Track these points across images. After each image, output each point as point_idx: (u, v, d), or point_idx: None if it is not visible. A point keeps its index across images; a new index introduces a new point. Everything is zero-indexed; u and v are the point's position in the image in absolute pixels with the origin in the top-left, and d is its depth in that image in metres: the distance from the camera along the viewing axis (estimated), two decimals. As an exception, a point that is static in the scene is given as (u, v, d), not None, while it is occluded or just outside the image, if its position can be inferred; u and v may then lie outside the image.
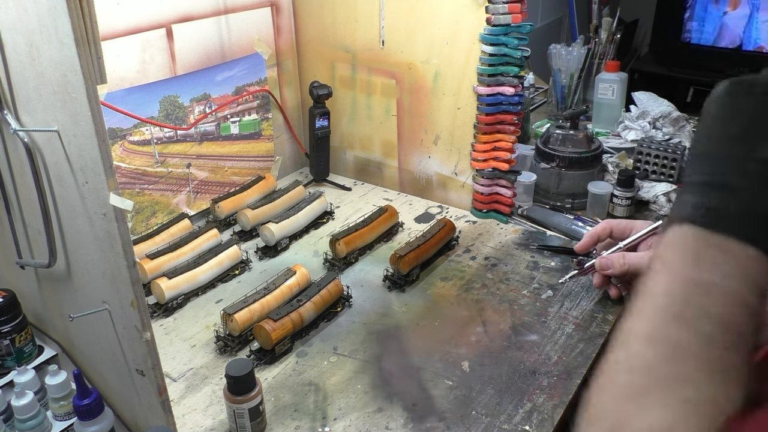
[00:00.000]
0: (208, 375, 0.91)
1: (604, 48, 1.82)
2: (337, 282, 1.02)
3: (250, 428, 0.78)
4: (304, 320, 0.95)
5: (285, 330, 0.92)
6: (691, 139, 1.05)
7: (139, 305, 0.64)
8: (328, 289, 1.00)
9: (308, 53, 1.44)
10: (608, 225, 0.89)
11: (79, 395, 0.71)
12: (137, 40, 1.09)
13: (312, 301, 0.97)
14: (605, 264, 0.85)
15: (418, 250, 1.09)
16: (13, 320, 0.85)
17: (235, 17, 1.26)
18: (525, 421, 0.80)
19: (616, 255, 0.84)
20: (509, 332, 0.97)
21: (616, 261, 0.84)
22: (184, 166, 1.25)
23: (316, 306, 0.97)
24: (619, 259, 0.84)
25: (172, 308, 1.04)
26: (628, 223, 0.88)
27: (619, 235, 0.88)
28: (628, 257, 0.83)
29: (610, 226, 0.88)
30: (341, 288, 1.02)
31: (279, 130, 1.46)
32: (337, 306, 1.02)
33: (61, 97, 0.58)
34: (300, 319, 0.94)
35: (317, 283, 1.01)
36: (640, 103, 1.55)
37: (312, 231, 1.28)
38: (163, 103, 1.17)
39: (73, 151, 0.61)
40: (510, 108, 1.20)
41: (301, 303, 0.95)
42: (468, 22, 1.17)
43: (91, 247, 0.66)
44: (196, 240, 1.14)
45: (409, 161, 1.39)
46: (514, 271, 1.12)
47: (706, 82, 2.17)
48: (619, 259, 0.84)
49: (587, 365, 0.89)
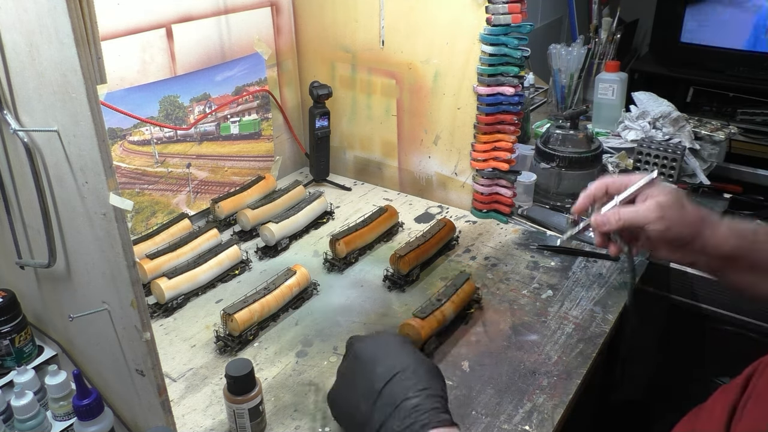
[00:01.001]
0: (208, 375, 0.91)
1: (604, 48, 1.82)
2: (470, 283, 1.01)
3: (250, 428, 0.78)
4: (446, 318, 0.94)
5: (431, 328, 0.91)
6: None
7: (139, 305, 0.64)
8: (464, 288, 0.99)
9: (308, 53, 1.44)
10: (603, 182, 0.86)
11: (78, 395, 0.71)
12: (137, 40, 1.09)
13: (451, 300, 0.96)
14: (601, 221, 0.83)
15: (418, 250, 1.09)
16: (13, 320, 0.85)
17: (235, 17, 1.26)
18: (525, 421, 0.80)
19: (612, 211, 0.82)
20: (509, 332, 0.97)
21: (612, 217, 0.81)
22: (184, 166, 1.25)
23: (454, 305, 0.96)
24: (615, 215, 0.81)
25: (172, 308, 1.04)
26: (623, 178, 0.85)
27: (616, 191, 0.85)
28: (624, 212, 0.80)
29: (605, 184, 0.86)
30: (474, 287, 1.01)
31: (279, 130, 1.46)
32: (470, 308, 1.01)
33: (61, 97, 0.58)
34: (443, 317, 0.93)
35: (453, 282, 0.99)
36: (640, 103, 1.55)
37: (312, 231, 1.28)
38: (163, 103, 1.17)
39: (73, 151, 0.61)
40: (510, 108, 1.20)
41: (441, 302, 0.95)
42: (468, 22, 1.17)
43: (91, 247, 0.66)
44: (196, 240, 1.14)
45: (409, 161, 1.39)
46: (514, 271, 1.12)
47: (706, 82, 2.17)
48: (614, 215, 0.81)
49: (587, 365, 0.89)
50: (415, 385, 0.69)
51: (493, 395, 0.85)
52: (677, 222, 0.77)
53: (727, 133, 1.52)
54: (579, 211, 0.88)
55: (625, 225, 0.80)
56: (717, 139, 1.49)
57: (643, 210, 0.78)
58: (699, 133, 1.51)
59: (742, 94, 2.11)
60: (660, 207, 0.77)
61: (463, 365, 0.90)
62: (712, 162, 1.44)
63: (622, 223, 0.80)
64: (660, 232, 0.77)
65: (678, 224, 0.77)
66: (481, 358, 0.92)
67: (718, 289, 1.17)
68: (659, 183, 0.82)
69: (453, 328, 0.97)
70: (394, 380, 0.69)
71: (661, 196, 0.78)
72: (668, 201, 0.78)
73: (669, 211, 0.77)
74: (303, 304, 1.05)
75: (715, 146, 1.48)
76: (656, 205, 0.77)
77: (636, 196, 0.82)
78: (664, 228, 0.77)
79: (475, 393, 0.85)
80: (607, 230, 0.82)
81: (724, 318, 1.18)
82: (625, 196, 0.82)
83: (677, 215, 0.77)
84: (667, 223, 0.77)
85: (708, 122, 1.58)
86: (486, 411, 0.82)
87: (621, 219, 0.80)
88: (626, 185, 0.83)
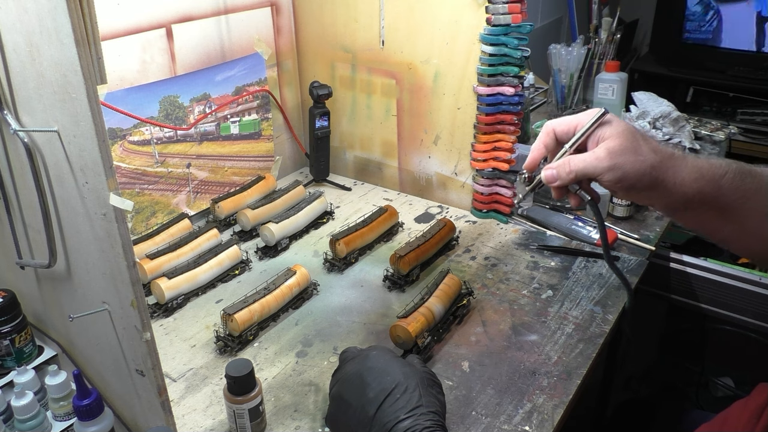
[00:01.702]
0: (208, 375, 0.91)
1: (604, 48, 1.82)
2: (452, 276, 1.00)
3: (250, 428, 0.78)
4: (434, 314, 0.93)
5: (420, 324, 0.90)
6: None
7: (139, 305, 0.64)
8: (446, 282, 0.98)
9: (308, 53, 1.44)
10: (550, 129, 0.77)
11: (79, 395, 0.71)
12: (137, 40, 1.09)
13: (434, 295, 0.95)
14: (551, 176, 0.74)
15: (418, 250, 1.09)
16: (13, 320, 0.85)
17: (235, 17, 1.26)
18: (525, 421, 0.80)
19: (561, 162, 0.73)
20: (509, 332, 0.97)
21: (562, 170, 0.73)
22: (184, 166, 1.25)
23: (440, 300, 0.95)
24: (564, 167, 0.73)
25: (172, 308, 1.04)
26: (570, 120, 0.76)
27: (564, 137, 0.76)
28: (574, 163, 0.72)
29: (551, 129, 0.76)
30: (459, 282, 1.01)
31: (279, 130, 1.46)
32: (461, 300, 1.00)
33: (61, 97, 0.58)
34: (430, 312, 0.93)
35: (434, 281, 0.99)
36: (640, 103, 1.55)
37: (312, 231, 1.28)
38: (163, 103, 1.17)
39: (73, 152, 0.61)
40: (510, 108, 1.20)
41: (424, 300, 0.94)
42: (468, 22, 1.17)
43: (91, 247, 0.66)
44: (196, 240, 1.14)
45: (409, 161, 1.39)
46: (514, 271, 1.12)
47: (706, 82, 2.17)
48: (564, 168, 0.73)
49: (587, 365, 0.89)
50: (407, 405, 0.69)
51: (493, 395, 0.85)
52: (631, 169, 0.68)
53: (727, 133, 1.52)
54: (531, 167, 0.79)
55: (577, 178, 0.73)
56: (717, 139, 1.49)
57: (592, 159, 0.70)
58: (699, 133, 1.51)
59: (742, 94, 2.11)
60: (610, 154, 0.69)
61: (463, 365, 0.90)
62: (712, 162, 1.44)
63: (573, 176, 0.72)
64: (613, 182, 0.70)
65: (633, 171, 0.68)
66: (481, 358, 0.92)
67: (718, 289, 1.17)
68: (611, 120, 0.72)
69: (450, 327, 0.97)
70: (385, 403, 0.70)
71: (612, 141, 0.70)
72: (619, 146, 0.69)
73: (621, 157, 0.68)
74: (303, 304, 1.05)
75: (715, 146, 1.48)
76: (606, 153, 0.69)
77: (588, 140, 0.73)
78: (617, 178, 0.69)
79: (475, 393, 0.85)
80: (559, 185, 0.75)
81: (724, 318, 1.18)
82: (573, 143, 0.74)
83: (630, 161, 0.68)
84: (620, 173, 0.69)
85: (708, 122, 1.58)
86: (486, 411, 0.82)
87: (571, 171, 0.72)
88: (574, 127, 0.75)
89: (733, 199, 0.68)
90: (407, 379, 0.72)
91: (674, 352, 1.50)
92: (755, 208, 0.68)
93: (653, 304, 1.30)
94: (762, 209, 0.68)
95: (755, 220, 0.69)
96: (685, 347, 1.47)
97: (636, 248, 1.17)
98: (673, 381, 1.54)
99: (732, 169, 0.68)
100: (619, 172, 0.68)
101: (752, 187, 0.68)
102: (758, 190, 0.68)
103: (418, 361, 0.79)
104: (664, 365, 1.55)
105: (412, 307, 0.93)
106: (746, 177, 0.68)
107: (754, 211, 0.69)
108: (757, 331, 1.15)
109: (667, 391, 1.54)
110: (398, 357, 0.78)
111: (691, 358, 1.47)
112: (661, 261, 1.18)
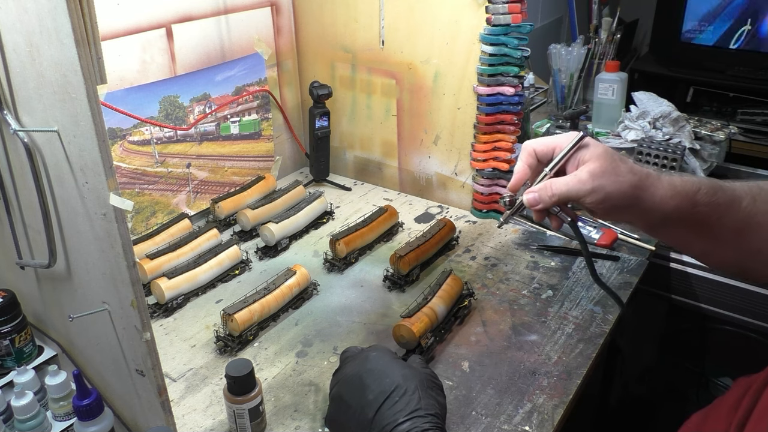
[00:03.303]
0: (208, 375, 0.91)
1: (604, 48, 1.82)
2: (455, 277, 1.00)
3: (250, 428, 0.78)
4: (437, 314, 0.93)
5: (423, 324, 0.90)
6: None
7: (139, 305, 0.64)
8: (448, 283, 0.98)
9: (308, 53, 1.44)
10: (530, 150, 0.77)
11: (78, 395, 0.71)
12: (137, 40, 1.09)
13: (438, 296, 0.95)
14: (533, 200, 0.75)
15: (418, 250, 1.09)
16: (13, 320, 0.85)
17: (235, 17, 1.26)
18: (525, 421, 0.80)
19: (543, 186, 0.74)
20: (509, 332, 0.97)
21: (544, 194, 0.74)
22: (184, 166, 1.25)
23: (443, 300, 0.95)
24: (546, 191, 0.73)
25: (172, 308, 1.04)
26: (549, 141, 0.76)
27: (544, 158, 0.77)
28: (555, 186, 0.72)
29: (531, 150, 0.77)
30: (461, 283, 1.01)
31: (279, 130, 1.46)
32: (462, 301, 1.00)
33: (61, 97, 0.58)
34: (433, 313, 0.93)
35: (437, 281, 0.99)
36: (640, 103, 1.55)
37: (312, 231, 1.28)
38: (163, 103, 1.17)
39: (73, 152, 0.61)
40: (510, 108, 1.20)
41: (427, 300, 0.94)
42: (468, 22, 1.17)
43: (91, 247, 0.66)
44: (196, 240, 1.14)
45: (409, 161, 1.39)
46: (514, 271, 1.12)
47: (706, 82, 2.17)
48: (546, 191, 0.73)
49: (587, 365, 0.89)
50: (406, 408, 0.69)
51: (493, 395, 0.85)
52: (612, 191, 0.70)
53: (727, 133, 1.52)
54: (515, 189, 0.79)
55: (559, 201, 0.73)
56: (717, 139, 1.49)
57: (575, 183, 0.71)
58: (699, 133, 1.51)
59: (742, 94, 2.11)
60: (592, 177, 0.70)
61: (463, 365, 0.90)
62: (712, 162, 1.44)
63: (556, 200, 0.73)
64: (595, 203, 0.71)
65: (614, 193, 0.70)
66: (481, 358, 0.92)
67: (718, 289, 1.17)
68: (588, 143, 0.74)
69: (452, 327, 0.97)
70: (384, 406, 0.70)
71: (592, 163, 0.71)
72: (600, 168, 0.70)
73: (602, 179, 0.70)
74: (303, 304, 1.05)
75: (715, 146, 1.48)
76: (588, 176, 0.70)
77: (567, 162, 0.74)
78: (600, 200, 0.70)
79: (475, 393, 0.85)
80: (541, 208, 0.75)
81: (724, 318, 1.18)
82: (554, 166, 0.75)
83: (611, 183, 0.70)
84: (602, 195, 0.70)
85: (708, 122, 1.58)
86: (486, 411, 0.82)
87: (554, 195, 0.73)
88: (553, 149, 0.75)
89: (707, 214, 0.70)
90: (406, 382, 0.72)
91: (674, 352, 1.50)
92: (727, 223, 0.70)
93: (653, 304, 1.30)
94: (734, 223, 0.70)
95: (728, 234, 0.71)
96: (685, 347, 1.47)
97: (636, 248, 1.17)
98: (673, 381, 1.54)
99: (704, 185, 0.70)
100: (601, 194, 0.70)
101: (724, 201, 0.70)
102: (730, 205, 0.70)
103: (419, 363, 0.79)
104: (664, 365, 1.55)
105: (415, 306, 0.93)
106: (717, 192, 0.70)
107: (726, 226, 0.71)
108: (757, 331, 1.15)
109: (667, 392, 1.54)
110: (398, 358, 0.78)
111: (691, 358, 1.47)
112: (661, 261, 1.18)
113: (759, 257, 0.72)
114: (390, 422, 0.68)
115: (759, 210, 0.70)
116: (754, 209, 0.70)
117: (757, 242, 0.71)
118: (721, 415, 0.61)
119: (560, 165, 0.74)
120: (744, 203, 0.70)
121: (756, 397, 0.57)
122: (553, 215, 0.77)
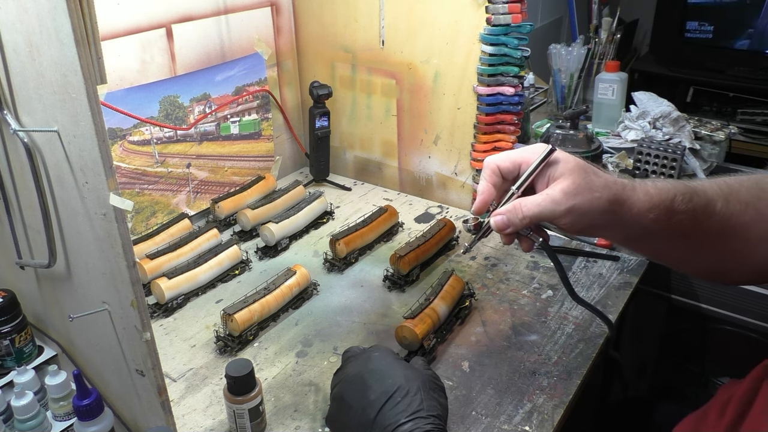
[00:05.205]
0: (208, 375, 0.91)
1: (604, 48, 1.82)
2: (456, 277, 1.00)
3: (250, 428, 0.78)
4: (440, 315, 0.93)
5: (426, 326, 0.90)
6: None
7: (139, 305, 0.64)
8: (450, 284, 0.98)
9: (308, 53, 1.44)
10: (492, 166, 0.71)
11: (78, 395, 0.71)
12: (137, 40, 1.09)
13: (440, 297, 0.95)
14: (501, 222, 0.69)
15: (418, 250, 1.09)
16: (13, 320, 0.85)
17: (235, 17, 1.26)
18: (525, 421, 0.80)
19: (512, 208, 0.68)
20: (509, 332, 0.97)
21: (513, 217, 0.68)
22: (184, 166, 1.25)
23: (445, 301, 0.95)
24: (516, 213, 0.68)
25: (172, 308, 1.04)
26: (514, 155, 0.71)
27: (509, 175, 0.71)
28: (526, 208, 0.67)
29: (495, 166, 0.71)
30: (463, 283, 1.01)
31: (279, 130, 1.46)
32: (463, 302, 1.00)
33: (61, 97, 0.58)
34: (436, 314, 0.93)
35: (438, 281, 0.99)
36: (640, 103, 1.55)
37: (312, 231, 1.28)
38: (163, 103, 1.17)
39: (73, 152, 0.61)
40: (510, 108, 1.20)
41: (429, 301, 0.94)
42: (468, 22, 1.17)
43: (91, 247, 0.66)
44: (196, 240, 1.14)
45: (409, 161, 1.39)
46: (514, 271, 1.12)
47: (706, 82, 2.17)
48: (516, 214, 0.68)
49: (587, 365, 0.89)
50: (407, 409, 0.69)
51: (493, 395, 0.85)
52: (589, 209, 0.65)
53: (727, 133, 1.52)
54: (480, 211, 0.73)
55: (531, 223, 0.68)
56: (717, 139, 1.49)
57: (548, 203, 0.66)
58: (699, 133, 1.51)
59: (742, 94, 2.11)
60: (566, 196, 0.65)
61: (463, 365, 0.90)
62: (712, 162, 1.44)
63: (527, 222, 0.68)
64: (570, 224, 0.66)
65: (590, 212, 0.65)
66: (481, 358, 0.91)
67: (718, 289, 1.17)
68: (559, 157, 0.68)
69: (453, 328, 0.97)
70: (386, 406, 0.69)
71: (564, 180, 0.66)
72: (574, 185, 0.65)
73: (576, 198, 0.65)
74: (303, 304, 1.05)
75: (715, 146, 1.48)
76: (562, 195, 0.65)
77: (536, 179, 0.69)
78: (575, 220, 0.66)
79: (475, 393, 0.85)
80: (511, 232, 0.70)
81: (724, 318, 1.18)
82: (521, 184, 0.69)
83: (587, 201, 0.65)
84: (578, 215, 0.65)
85: (708, 122, 1.58)
86: (486, 411, 0.82)
87: (525, 217, 0.67)
88: (519, 165, 0.70)
89: (684, 223, 0.68)
90: (409, 383, 0.72)
91: (674, 352, 1.50)
92: (704, 229, 0.69)
93: (653, 304, 1.30)
94: (710, 230, 0.68)
95: (706, 241, 0.70)
96: (685, 347, 1.47)
97: (636, 248, 1.17)
98: (673, 381, 1.54)
99: (679, 191, 0.67)
100: (577, 214, 0.65)
101: (700, 206, 0.67)
102: (705, 209, 0.67)
103: (422, 364, 0.79)
104: (664, 365, 1.55)
105: (417, 307, 0.93)
106: (693, 197, 0.67)
107: (703, 233, 0.69)
108: (757, 331, 1.15)
109: (667, 391, 1.54)
110: (400, 359, 0.78)
111: (691, 358, 1.47)
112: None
113: (736, 257, 0.71)
114: (392, 423, 0.68)
115: (733, 211, 0.68)
116: (728, 211, 0.68)
117: (734, 243, 0.69)
118: (710, 419, 0.61)
119: (528, 182, 0.69)
120: (718, 206, 0.68)
121: (743, 402, 0.56)
122: (523, 237, 0.72)
